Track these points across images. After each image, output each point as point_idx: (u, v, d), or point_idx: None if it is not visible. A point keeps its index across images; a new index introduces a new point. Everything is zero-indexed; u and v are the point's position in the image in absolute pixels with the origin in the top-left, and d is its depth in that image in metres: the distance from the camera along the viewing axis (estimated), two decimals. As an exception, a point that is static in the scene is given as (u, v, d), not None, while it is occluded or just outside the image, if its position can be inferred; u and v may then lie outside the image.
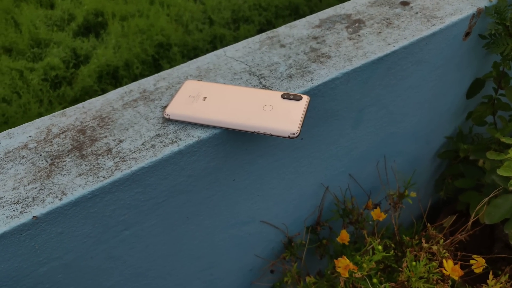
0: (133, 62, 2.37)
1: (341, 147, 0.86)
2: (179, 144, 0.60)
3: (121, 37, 2.50)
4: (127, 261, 0.67)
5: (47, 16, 2.58)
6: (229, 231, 0.79)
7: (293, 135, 0.60)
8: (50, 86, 2.26)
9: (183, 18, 2.69)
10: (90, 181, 0.56)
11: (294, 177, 0.82)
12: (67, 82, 2.31)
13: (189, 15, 2.71)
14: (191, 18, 2.70)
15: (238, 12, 2.78)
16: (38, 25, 2.50)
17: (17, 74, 2.22)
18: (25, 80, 2.22)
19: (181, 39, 2.54)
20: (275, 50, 0.77)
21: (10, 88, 2.18)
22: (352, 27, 0.82)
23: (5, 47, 2.38)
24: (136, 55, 2.40)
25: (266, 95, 0.66)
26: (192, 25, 2.66)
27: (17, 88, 2.18)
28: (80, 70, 2.33)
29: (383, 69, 0.78)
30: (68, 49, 2.40)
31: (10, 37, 2.41)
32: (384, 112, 0.88)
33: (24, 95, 2.16)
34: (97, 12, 2.64)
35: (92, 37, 2.52)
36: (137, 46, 2.43)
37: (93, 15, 2.62)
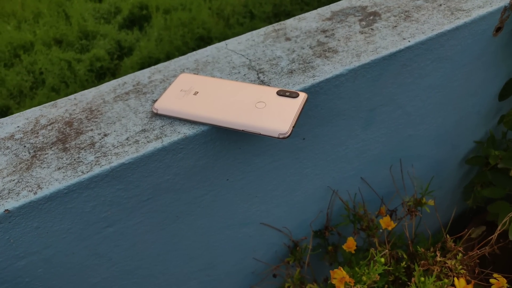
0: (174, 54, 2.40)
1: (351, 149, 0.80)
2: (163, 140, 0.57)
3: (164, 30, 2.53)
4: (113, 258, 0.65)
5: (95, 9, 2.65)
6: (225, 232, 0.76)
7: (283, 135, 0.55)
8: (95, 76, 2.32)
9: (224, 12, 2.69)
10: (68, 175, 0.54)
11: (297, 179, 0.77)
12: (111, 73, 2.36)
13: (231, 9, 2.71)
14: (233, 12, 2.70)
15: (279, 6, 2.75)
16: (86, 18, 2.57)
17: (65, 65, 2.30)
18: (73, 70, 2.29)
19: (221, 32, 2.54)
20: (279, 43, 0.72)
21: (59, 78, 2.25)
22: (366, 20, 0.76)
23: (56, 39, 2.47)
24: (177, 48, 2.42)
25: (261, 91, 0.61)
26: (233, 19, 2.66)
27: (65, 78, 2.25)
28: (123, 61, 2.38)
29: (397, 66, 0.72)
30: (113, 41, 2.46)
31: (61, 29, 2.50)
32: (400, 113, 0.81)
33: (71, 85, 2.23)
34: (142, 6, 2.69)
35: (136, 30, 2.57)
36: (178, 39, 2.46)
37: (138, 8, 2.68)
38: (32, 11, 2.64)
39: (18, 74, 2.26)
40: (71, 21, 2.58)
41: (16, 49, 2.39)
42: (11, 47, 2.40)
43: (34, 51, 2.39)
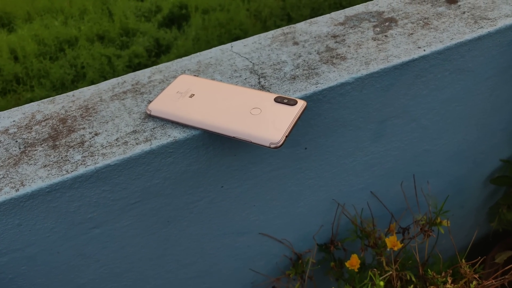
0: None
1: (359, 162, 0.76)
2: (152, 143, 0.55)
3: (201, 30, 2.56)
4: (100, 260, 0.64)
5: (137, 8, 2.71)
6: (221, 240, 0.73)
7: (274, 144, 0.52)
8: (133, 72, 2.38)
9: (262, 14, 2.70)
10: (52, 174, 0.53)
11: (299, 190, 0.74)
12: (148, 70, 2.42)
13: (268, 11, 2.71)
14: (270, 14, 2.70)
15: (317, 10, 2.72)
16: (128, 15, 2.64)
17: (105, 60, 2.37)
18: (112, 65, 2.35)
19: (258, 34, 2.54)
20: (286, 47, 0.69)
21: (99, 72, 2.31)
22: (381, 26, 0.72)
23: (99, 35, 2.55)
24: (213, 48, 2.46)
25: (258, 97, 0.59)
26: (270, 21, 2.66)
27: (104, 73, 2.31)
28: (160, 59, 2.43)
29: (410, 76, 0.67)
30: (152, 39, 2.51)
31: (104, 26, 2.57)
32: (414, 126, 0.76)
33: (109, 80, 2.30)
34: (181, 5, 2.73)
35: (175, 29, 2.61)
36: (215, 39, 2.48)
37: (178, 8, 2.72)
38: (78, 8, 2.73)
39: (61, 68, 2.34)
40: (113, 18, 2.65)
41: (62, 44, 2.47)
42: (57, 42, 2.48)
43: (78, 46, 2.47)
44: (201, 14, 2.70)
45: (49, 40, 2.47)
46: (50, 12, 2.72)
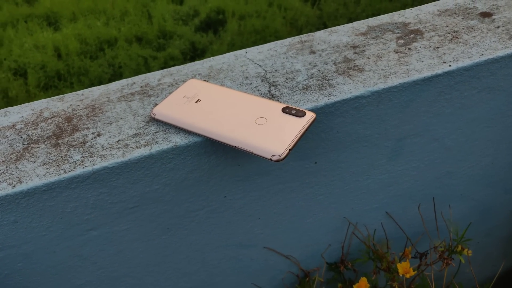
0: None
1: (374, 180, 0.72)
2: (152, 147, 0.54)
3: (237, 35, 2.58)
4: (98, 262, 0.63)
5: (175, 11, 2.77)
6: (224, 251, 0.71)
7: (276, 157, 0.50)
8: (167, 74, 2.43)
9: (298, 22, 2.69)
10: (50, 172, 0.52)
11: (308, 205, 0.71)
12: (182, 73, 2.47)
13: (305, 20, 2.70)
14: (306, 22, 2.69)
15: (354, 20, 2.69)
16: (167, 18, 2.70)
17: (142, 61, 2.42)
18: (148, 66, 2.40)
19: None
20: (302, 56, 0.67)
21: (134, 73, 2.37)
22: (405, 38, 0.68)
23: (137, 36, 2.61)
24: (247, 53, 2.48)
25: (265, 106, 0.56)
26: (306, 29, 2.65)
27: (140, 73, 2.37)
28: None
29: (433, 93, 0.63)
30: (188, 42, 2.55)
31: (143, 28, 2.64)
32: (436, 146, 0.72)
33: (144, 80, 2.36)
34: (219, 10, 2.77)
35: (211, 33, 2.65)
36: (250, 45, 2.49)
37: (215, 13, 2.76)
38: (120, 10, 2.81)
39: (100, 66, 2.41)
40: (152, 20, 2.72)
41: (102, 43, 2.54)
42: (98, 41, 2.56)
43: (117, 46, 2.53)
44: (238, 20, 2.72)
45: (90, 40, 2.55)
46: (94, 13, 2.81)
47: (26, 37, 2.57)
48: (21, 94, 2.24)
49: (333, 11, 2.72)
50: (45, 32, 2.61)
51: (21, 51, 2.45)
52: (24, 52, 2.45)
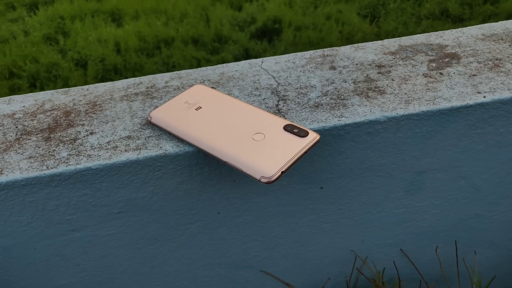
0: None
1: (388, 214, 0.65)
2: (140, 153, 0.51)
3: (291, 46, 2.57)
4: (81, 264, 0.60)
5: (233, 17, 2.80)
6: (217, 270, 0.67)
7: (266, 179, 0.45)
8: (217, 77, 2.48)
9: (354, 38, 2.65)
10: (33, 167, 0.50)
11: (311, 232, 0.65)
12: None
13: (361, 36, 2.65)
14: (363, 39, 2.65)
15: None
16: (224, 23, 2.74)
17: (195, 62, 2.47)
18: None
19: None
20: (320, 71, 0.61)
21: None
22: (438, 61, 0.61)
23: (194, 38, 2.67)
24: (300, 65, 2.49)
25: (267, 121, 0.51)
26: None
27: None
28: None
29: (462, 125, 0.56)
30: (242, 48, 2.57)
31: (200, 30, 2.69)
32: (463, 185, 0.64)
33: (195, 83, 2.42)
34: (276, 19, 2.78)
35: (265, 41, 2.66)
36: None
37: (272, 21, 2.77)
38: (180, 11, 2.88)
39: (155, 64, 2.47)
40: (210, 24, 2.76)
41: (159, 42, 2.61)
42: (156, 40, 2.64)
43: (173, 46, 2.59)
44: (293, 31, 2.70)
45: (149, 38, 2.63)
46: (155, 12, 2.90)
47: (91, 30, 2.69)
48: (79, 84, 2.33)
49: (392, 30, 2.64)
50: (108, 27, 2.72)
51: (85, 44, 2.56)
52: (88, 44, 2.56)
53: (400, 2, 2.90)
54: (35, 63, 2.46)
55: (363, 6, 2.85)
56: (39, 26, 2.78)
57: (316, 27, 2.71)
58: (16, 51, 2.54)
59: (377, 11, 2.84)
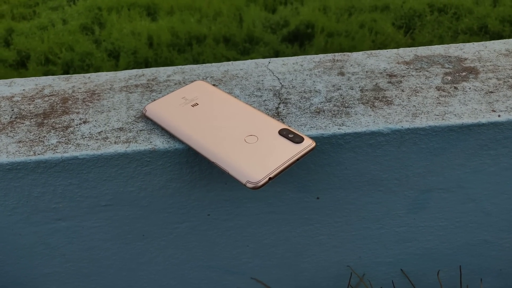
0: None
1: (389, 231, 0.62)
2: (129, 146, 0.49)
3: (322, 51, 2.56)
4: (66, 254, 0.59)
5: (266, 18, 2.80)
6: (206, 273, 0.65)
7: (251, 184, 0.43)
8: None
9: (387, 48, 2.60)
10: (20, 152, 0.49)
11: (306, 243, 0.62)
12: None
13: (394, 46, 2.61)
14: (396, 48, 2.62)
15: None
16: (256, 24, 2.75)
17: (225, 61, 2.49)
18: None
19: None
20: (327, 76, 0.59)
21: None
22: (454, 75, 0.57)
23: (225, 37, 2.68)
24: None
25: (263, 123, 0.49)
26: None
27: None
28: None
29: (472, 144, 0.52)
30: (272, 51, 2.57)
31: (232, 30, 2.71)
32: (472, 208, 0.60)
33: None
34: (308, 24, 2.76)
35: (296, 45, 2.65)
36: None
37: (305, 26, 2.76)
38: (214, 10, 2.90)
39: (185, 60, 2.50)
40: (242, 24, 2.77)
41: (191, 39, 2.63)
42: (188, 36, 2.66)
43: (204, 43, 2.61)
44: (325, 37, 2.68)
45: (181, 34, 2.66)
46: (190, 9, 2.92)
47: (126, 23, 2.73)
48: (111, 75, 2.38)
49: (426, 42, 2.58)
50: (143, 21, 2.76)
51: (119, 35, 2.60)
52: (121, 36, 2.60)
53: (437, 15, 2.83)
54: (70, 51, 2.50)
55: (398, 17, 2.79)
56: (77, 16, 2.84)
57: (349, 34, 2.67)
58: (54, 38, 2.60)
59: (412, 23, 2.78)
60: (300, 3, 2.99)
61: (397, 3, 2.92)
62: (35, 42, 2.59)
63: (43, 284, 0.63)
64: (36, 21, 2.83)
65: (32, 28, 2.73)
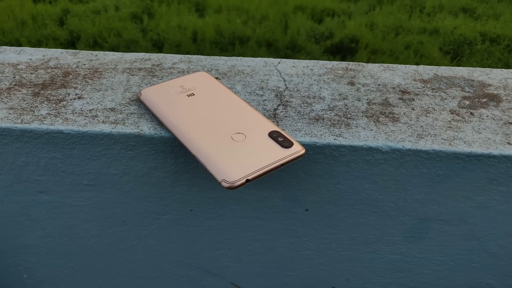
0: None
1: (381, 257, 0.58)
2: (115, 127, 0.48)
3: None
4: (47, 229, 0.58)
5: (312, 28, 2.79)
6: (186, 270, 0.62)
7: (226, 183, 0.40)
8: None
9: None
10: (8, 118, 0.49)
11: (291, 255, 0.59)
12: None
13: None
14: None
15: None
16: (301, 32, 2.74)
17: None
18: None
19: None
20: (336, 84, 0.56)
21: None
22: (473, 100, 0.53)
23: (268, 41, 2.68)
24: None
25: (254, 122, 0.47)
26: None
27: None
28: None
29: (481, 177, 0.48)
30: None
31: (276, 35, 2.71)
32: (475, 246, 0.55)
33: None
34: (353, 39, 2.73)
35: (338, 58, 2.64)
36: None
37: (349, 40, 2.73)
38: (261, 13, 2.91)
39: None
40: (287, 31, 2.77)
41: (235, 39, 2.65)
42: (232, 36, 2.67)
43: (247, 45, 2.62)
44: (368, 53, 2.62)
45: (226, 33, 2.68)
46: (237, 10, 2.94)
47: (174, 16, 2.79)
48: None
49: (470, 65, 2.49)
50: (191, 16, 2.80)
51: (166, 27, 2.65)
52: (168, 28, 2.65)
53: (488, 45, 2.72)
54: (118, 37, 2.57)
55: (447, 42, 2.70)
56: (130, 4, 2.91)
57: (393, 54, 2.60)
58: (104, 23, 2.67)
59: (461, 50, 2.69)
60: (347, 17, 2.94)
61: (447, 28, 2.83)
62: (87, 24, 2.67)
63: (24, 255, 0.63)
64: (91, 4, 2.92)
65: (86, 11, 2.82)
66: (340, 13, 2.96)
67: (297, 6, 2.99)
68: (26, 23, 2.70)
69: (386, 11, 2.98)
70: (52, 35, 2.57)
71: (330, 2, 3.05)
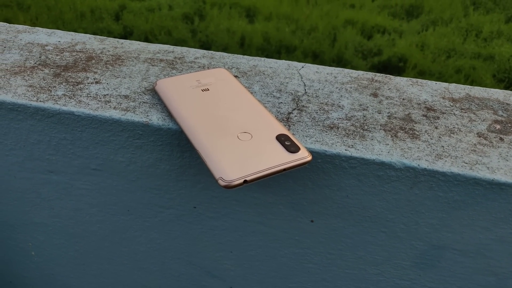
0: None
1: (388, 280, 0.55)
2: (125, 114, 0.47)
3: None
4: (54, 208, 0.59)
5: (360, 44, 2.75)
6: (187, 268, 0.61)
7: (223, 181, 0.39)
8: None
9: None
10: (26, 95, 0.50)
11: (294, 267, 0.57)
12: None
13: None
14: None
15: None
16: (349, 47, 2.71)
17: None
18: None
19: None
20: (358, 94, 0.53)
21: None
22: (506, 125, 0.49)
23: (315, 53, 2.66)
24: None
25: (264, 124, 0.45)
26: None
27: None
28: None
29: (502, 207, 0.44)
30: None
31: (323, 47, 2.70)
32: (492, 283, 0.51)
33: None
34: (402, 57, 2.67)
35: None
36: None
37: (397, 59, 2.67)
38: (311, 24, 2.90)
39: None
40: (335, 44, 2.74)
41: (281, 48, 2.66)
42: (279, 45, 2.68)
43: (293, 54, 2.62)
44: (416, 74, 2.55)
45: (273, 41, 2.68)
46: (287, 19, 2.95)
47: (224, 20, 2.83)
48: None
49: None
50: (240, 21, 2.84)
51: (215, 30, 2.70)
52: (217, 31, 2.69)
53: (549, 76, 2.58)
54: (168, 36, 2.63)
55: (502, 69, 2.57)
56: (183, 4, 2.99)
57: (442, 77, 2.51)
58: (157, 21, 2.75)
59: (517, 78, 2.56)
60: (398, 35, 2.87)
61: (504, 55, 2.70)
62: (141, 21, 2.75)
63: (33, 232, 0.64)
64: (147, 2, 3.01)
65: (141, 8, 2.91)
66: (391, 30, 2.90)
67: (347, 20, 2.95)
68: (84, 15, 2.81)
69: (439, 32, 2.88)
70: (107, 29, 2.66)
71: (382, 19, 2.99)
